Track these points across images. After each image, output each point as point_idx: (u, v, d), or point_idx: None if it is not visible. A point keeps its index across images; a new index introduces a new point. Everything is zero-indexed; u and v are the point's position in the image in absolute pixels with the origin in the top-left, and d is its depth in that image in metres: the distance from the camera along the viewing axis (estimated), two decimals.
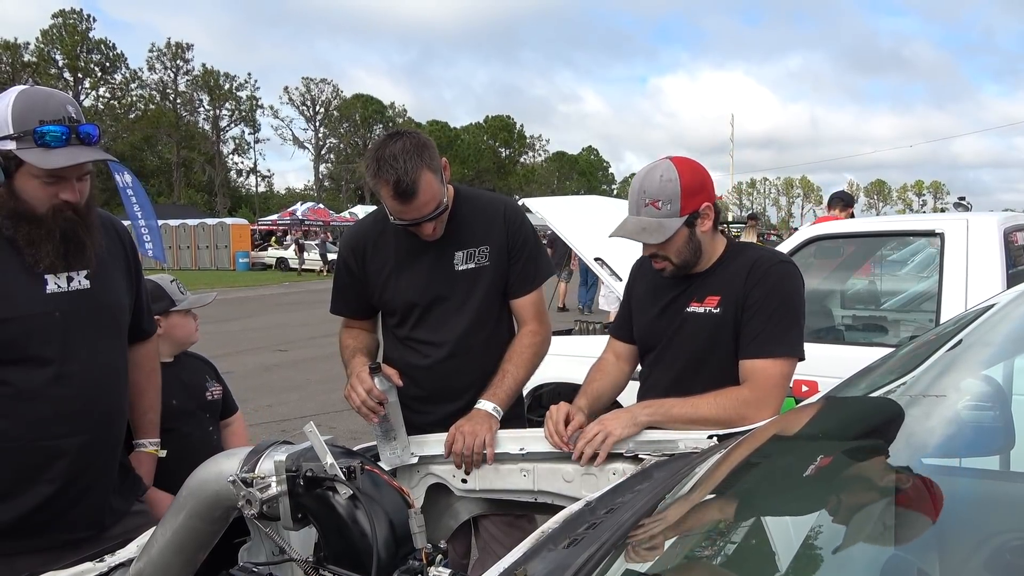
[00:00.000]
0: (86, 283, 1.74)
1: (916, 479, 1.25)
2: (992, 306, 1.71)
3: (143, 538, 1.49)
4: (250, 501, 1.17)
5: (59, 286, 1.71)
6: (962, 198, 13.17)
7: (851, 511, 1.15)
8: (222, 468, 1.27)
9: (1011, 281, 3.04)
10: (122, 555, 1.48)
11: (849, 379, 1.69)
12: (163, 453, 2.06)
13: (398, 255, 2.12)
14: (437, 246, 2.09)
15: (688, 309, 1.99)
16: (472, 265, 2.12)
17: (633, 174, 2.27)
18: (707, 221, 1.94)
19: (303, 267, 29.65)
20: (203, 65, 60.06)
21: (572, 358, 3.67)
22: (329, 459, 1.15)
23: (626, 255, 2.27)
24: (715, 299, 1.95)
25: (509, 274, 2.15)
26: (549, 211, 4.51)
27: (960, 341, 1.61)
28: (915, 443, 1.39)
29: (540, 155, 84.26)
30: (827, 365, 3.23)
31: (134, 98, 56.32)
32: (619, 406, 2.32)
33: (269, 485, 1.19)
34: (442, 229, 2.06)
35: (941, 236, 3.19)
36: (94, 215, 1.76)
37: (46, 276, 1.69)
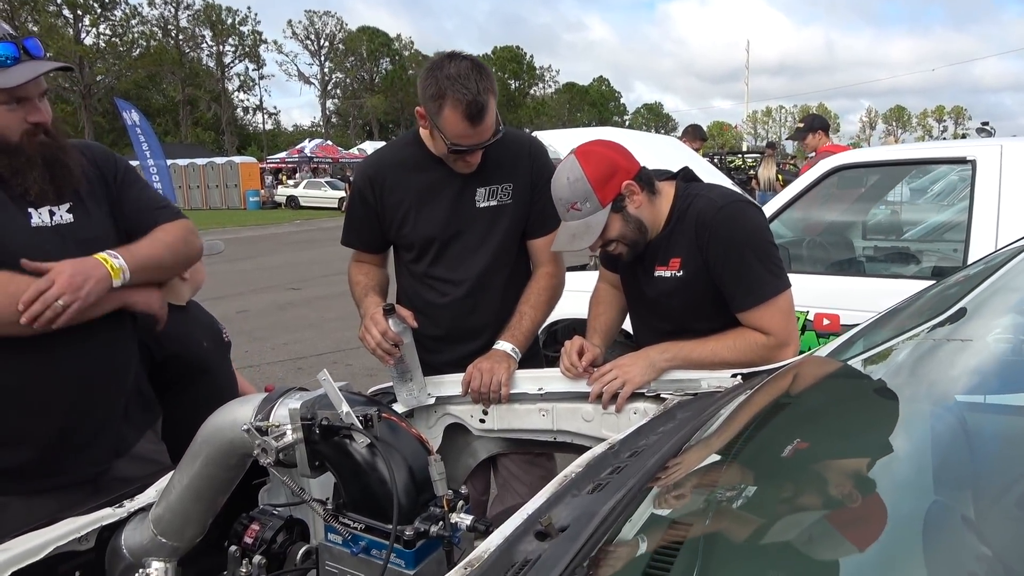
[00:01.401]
0: (69, 217, 1.69)
1: (950, 419, 1.21)
2: None
3: (161, 483, 1.48)
4: (266, 450, 1.14)
5: (43, 220, 1.65)
6: (985, 123, 12.83)
7: (886, 454, 1.11)
8: (236, 416, 1.24)
9: None
10: (141, 500, 1.47)
11: (875, 321, 1.63)
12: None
13: (418, 188, 2.04)
14: (459, 181, 2.02)
15: (655, 273, 1.91)
16: (494, 203, 2.05)
17: (646, 104, 2.18)
18: (636, 197, 1.83)
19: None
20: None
21: (587, 294, 3.63)
22: (345, 408, 1.11)
23: None
24: (676, 261, 1.86)
25: (530, 213, 2.09)
26: (562, 144, 4.40)
27: (995, 281, 1.54)
28: (948, 383, 1.34)
29: (550, 87, 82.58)
30: (848, 298, 3.18)
31: (135, 35, 55.26)
32: (627, 336, 2.27)
33: (284, 433, 1.16)
34: (477, 162, 1.99)
35: (973, 163, 3.06)
36: (64, 135, 1.70)
37: (29, 210, 1.64)
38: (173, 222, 1.81)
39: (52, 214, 1.66)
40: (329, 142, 41.98)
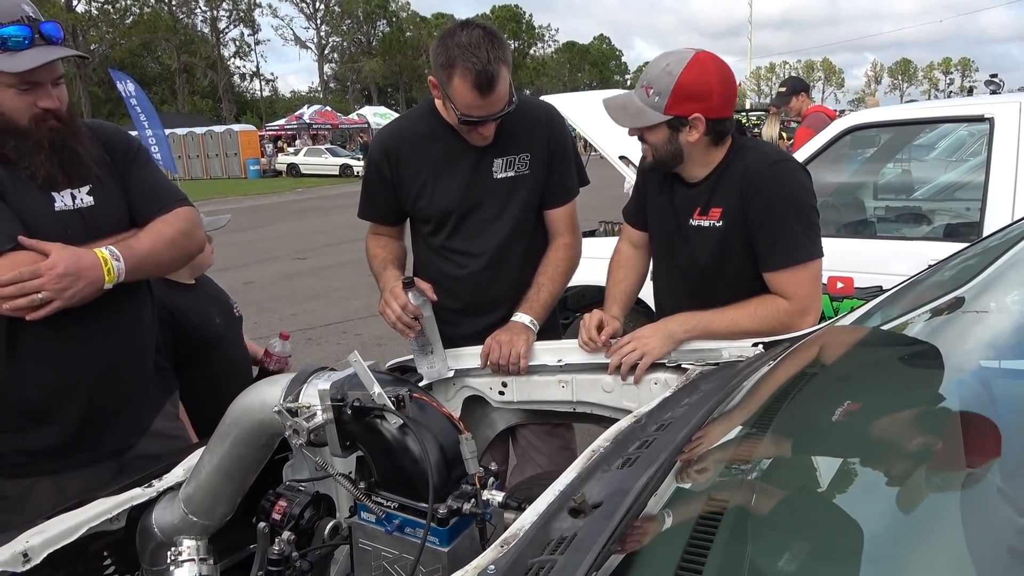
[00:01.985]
0: (89, 199, 1.68)
1: (978, 387, 1.21)
2: None
3: (189, 461, 1.50)
4: (297, 431, 1.15)
5: (65, 204, 1.65)
6: (994, 75, 12.57)
7: (919, 426, 1.11)
8: (265, 397, 1.25)
9: None
10: (169, 479, 1.49)
11: (895, 292, 1.62)
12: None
13: (435, 160, 2.02)
14: (476, 152, 1.99)
15: (692, 221, 1.89)
16: (511, 173, 2.02)
17: (647, 62, 2.14)
18: (695, 132, 1.79)
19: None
20: None
21: (597, 260, 3.61)
22: (377, 388, 1.11)
23: None
24: (717, 211, 1.84)
25: (547, 184, 2.06)
26: (569, 109, 4.33)
27: (1016, 254, 1.52)
28: (972, 350, 1.33)
29: (550, 46, 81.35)
30: (862, 260, 3.16)
31: (128, 2, 54.33)
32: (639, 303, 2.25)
33: (315, 414, 1.16)
34: (493, 133, 1.95)
35: (990, 121, 3.01)
36: (79, 123, 1.68)
37: (52, 193, 1.63)
38: (177, 212, 1.78)
39: (74, 197, 1.66)
40: (328, 108, 41.52)
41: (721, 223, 1.84)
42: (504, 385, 1.95)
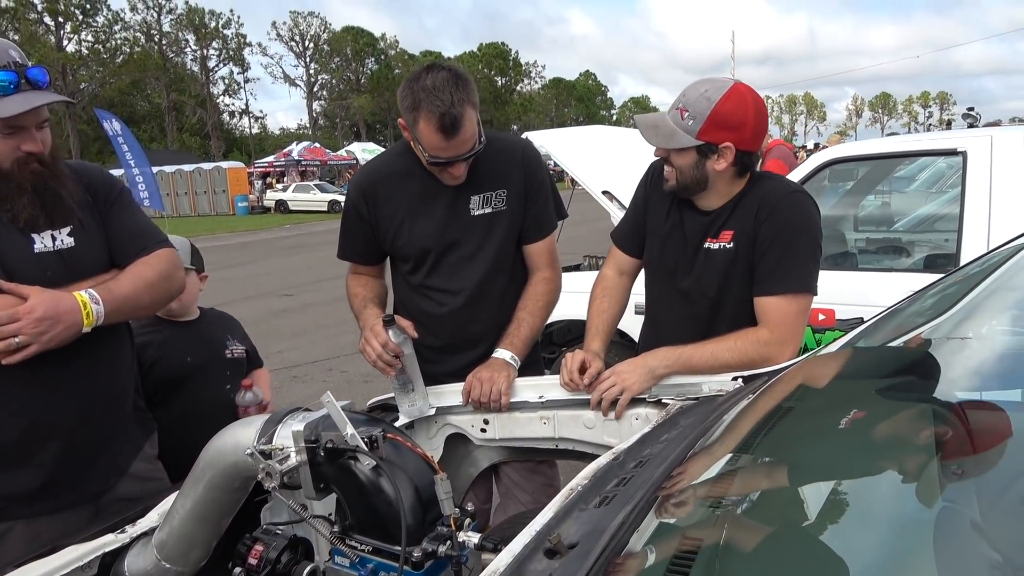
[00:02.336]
0: (70, 241, 1.67)
1: (957, 419, 1.21)
2: None
3: (163, 506, 1.47)
4: (270, 473, 1.13)
5: (45, 246, 1.64)
6: (970, 108, 12.85)
7: (893, 459, 1.11)
8: (239, 439, 1.23)
9: None
10: (143, 524, 1.46)
11: (875, 322, 1.64)
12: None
13: (411, 199, 2.03)
14: (453, 190, 2.00)
15: (704, 245, 1.91)
16: (489, 210, 2.03)
17: (632, 97, 2.17)
18: (723, 162, 1.80)
19: None
20: (186, 3, 58.34)
21: (582, 294, 3.63)
22: (349, 429, 1.10)
23: (634, 188, 2.16)
24: (729, 234, 1.87)
25: (524, 219, 2.07)
26: (553, 144, 4.39)
27: (995, 280, 1.54)
28: (950, 383, 1.34)
29: (536, 83, 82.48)
30: (843, 292, 3.18)
31: (118, 41, 54.85)
32: (621, 335, 2.25)
33: (288, 456, 1.15)
34: (466, 173, 1.97)
35: (963, 155, 3.07)
36: (62, 165, 1.68)
37: (32, 235, 1.62)
38: (158, 254, 1.78)
39: (54, 239, 1.66)
40: (317, 144, 41.75)
41: (732, 244, 1.86)
42: (486, 422, 1.93)
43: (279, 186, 33.76)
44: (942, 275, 2.02)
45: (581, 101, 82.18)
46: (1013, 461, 1.11)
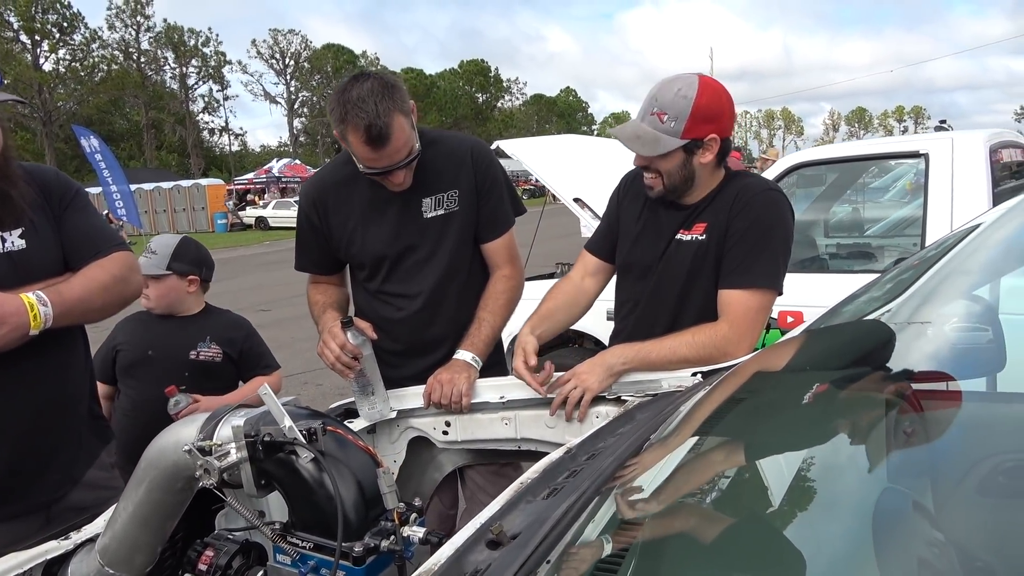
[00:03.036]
0: (21, 243, 1.64)
1: (907, 404, 1.21)
2: (978, 226, 1.65)
3: (109, 512, 1.43)
4: (208, 470, 1.10)
5: None
6: (943, 121, 13.15)
7: (841, 444, 1.11)
8: (180, 437, 1.20)
9: (996, 200, 2.99)
10: (88, 531, 1.42)
11: (833, 308, 1.64)
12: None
13: (362, 206, 2.01)
14: (403, 194, 1.98)
15: (677, 236, 1.90)
16: (441, 212, 2.01)
17: (613, 113, 2.17)
18: (708, 154, 1.80)
19: None
20: (165, 21, 58.22)
21: None
22: (287, 422, 1.08)
23: (607, 195, 2.16)
24: (702, 226, 1.86)
25: (479, 217, 2.06)
26: (525, 153, 4.40)
27: (947, 263, 1.55)
28: (902, 369, 1.34)
29: (518, 99, 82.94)
30: (812, 295, 3.19)
31: (96, 59, 54.48)
32: (595, 343, 2.24)
33: (228, 452, 1.12)
34: (411, 179, 1.95)
35: (926, 157, 3.11)
36: (14, 166, 1.65)
37: None
38: (113, 257, 1.74)
39: (3, 241, 1.62)
40: (297, 161, 41.72)
41: (704, 236, 1.85)
42: (448, 425, 1.91)
43: (260, 203, 33.61)
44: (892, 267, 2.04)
45: (562, 117, 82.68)
46: (955, 444, 1.11)
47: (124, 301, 1.81)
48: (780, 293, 1.85)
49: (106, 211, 18.68)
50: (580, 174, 4.26)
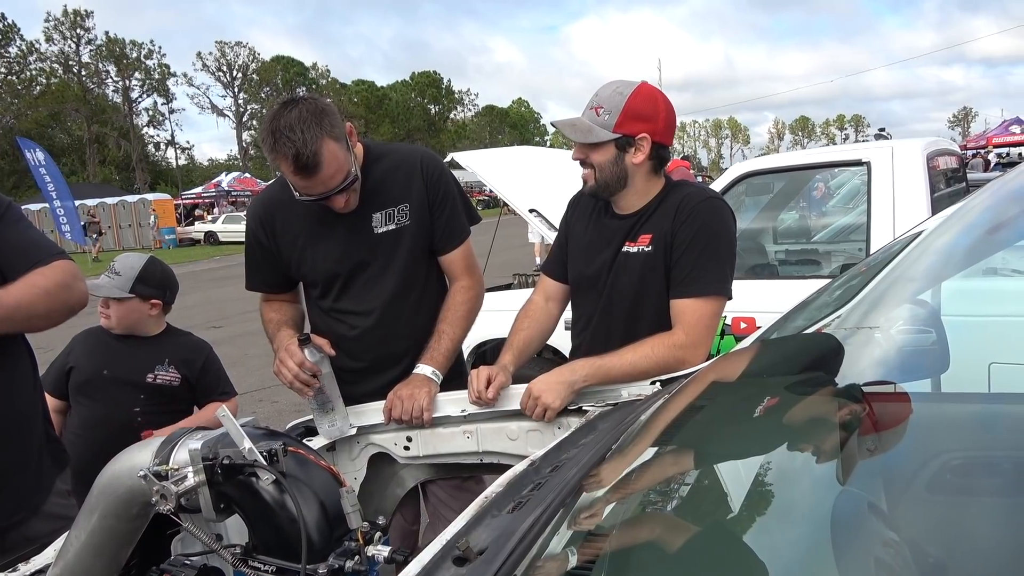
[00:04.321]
0: None
1: (858, 408, 1.25)
2: (919, 234, 1.72)
3: (60, 542, 1.38)
4: (165, 496, 1.07)
5: None
6: (882, 129, 13.62)
7: (798, 449, 1.13)
8: (134, 462, 1.17)
9: (935, 205, 3.11)
10: (37, 562, 1.36)
11: (784, 316, 1.68)
12: None
13: (310, 224, 1.97)
14: (353, 210, 1.95)
15: (624, 248, 1.93)
16: (392, 226, 1.99)
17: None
18: (640, 154, 1.86)
19: None
20: (106, 34, 56.78)
21: (513, 313, 3.63)
22: (247, 443, 1.05)
23: (562, 206, 2.18)
24: (647, 237, 1.90)
25: (433, 230, 2.05)
26: (479, 165, 4.41)
27: (892, 270, 1.60)
28: (852, 374, 1.38)
29: (470, 110, 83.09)
30: (764, 300, 3.27)
31: (34, 72, 52.81)
32: (554, 352, 2.25)
33: (185, 477, 1.09)
34: (356, 200, 1.92)
35: (868, 165, 3.22)
36: None
37: None
38: (54, 265, 1.69)
39: None
40: (247, 175, 41.02)
41: (650, 248, 1.89)
42: (409, 440, 1.89)
43: (208, 217, 32.89)
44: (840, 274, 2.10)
45: (515, 128, 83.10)
46: (906, 445, 1.15)
47: (70, 309, 1.75)
48: (730, 298, 1.89)
49: (52, 229, 18.09)
50: (534, 185, 4.29)
